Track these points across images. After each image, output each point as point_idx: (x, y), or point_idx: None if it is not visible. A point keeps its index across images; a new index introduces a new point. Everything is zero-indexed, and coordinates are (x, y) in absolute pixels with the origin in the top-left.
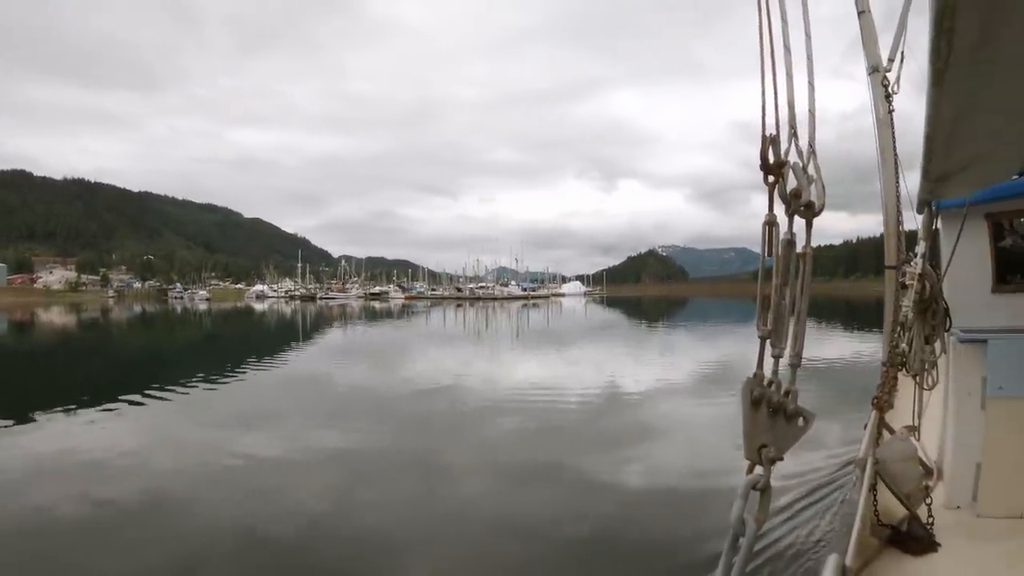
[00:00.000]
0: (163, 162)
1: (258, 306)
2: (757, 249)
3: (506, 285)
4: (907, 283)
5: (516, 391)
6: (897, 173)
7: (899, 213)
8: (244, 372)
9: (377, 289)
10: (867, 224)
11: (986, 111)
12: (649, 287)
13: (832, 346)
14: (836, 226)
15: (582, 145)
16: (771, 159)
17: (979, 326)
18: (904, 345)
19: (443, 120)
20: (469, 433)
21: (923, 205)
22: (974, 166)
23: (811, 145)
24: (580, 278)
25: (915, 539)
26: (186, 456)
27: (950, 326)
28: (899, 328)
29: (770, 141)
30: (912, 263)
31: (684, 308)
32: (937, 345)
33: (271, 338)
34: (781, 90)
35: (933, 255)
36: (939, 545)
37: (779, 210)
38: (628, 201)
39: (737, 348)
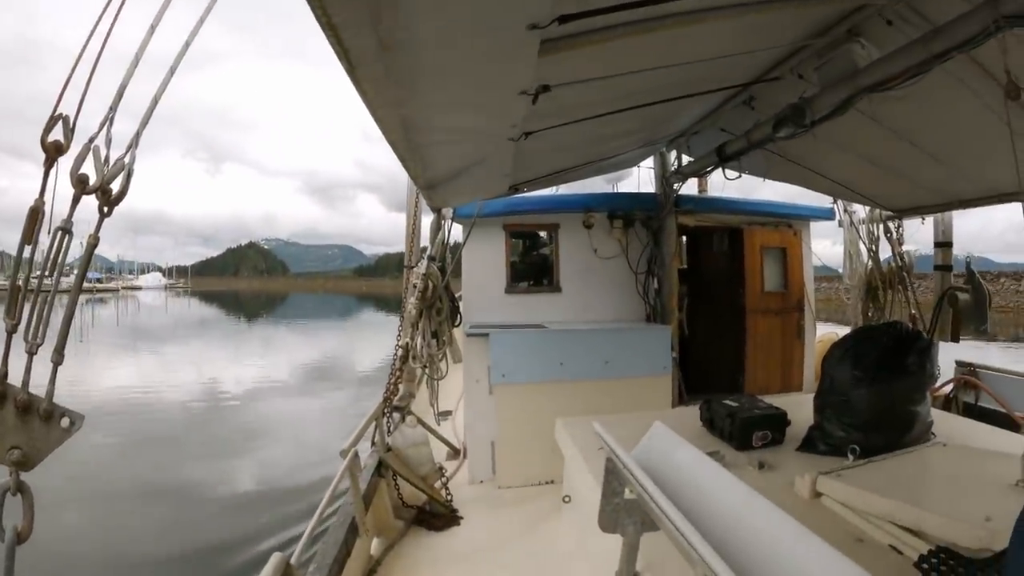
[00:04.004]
0: None
1: None
2: (361, 247)
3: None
4: (414, 283)
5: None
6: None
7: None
8: None
9: None
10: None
11: (426, 117)
12: (242, 281)
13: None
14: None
15: (192, 120)
16: (50, 140)
17: (493, 322)
18: (410, 340)
19: (43, 69)
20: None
21: (435, 211)
22: (459, 178)
23: (137, 136)
24: (169, 270)
25: (437, 516)
26: None
27: (460, 322)
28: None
29: (58, 120)
30: (420, 264)
31: (283, 304)
32: (446, 339)
33: None
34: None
35: (454, 258)
36: (461, 518)
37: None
38: (235, 189)
39: (335, 342)
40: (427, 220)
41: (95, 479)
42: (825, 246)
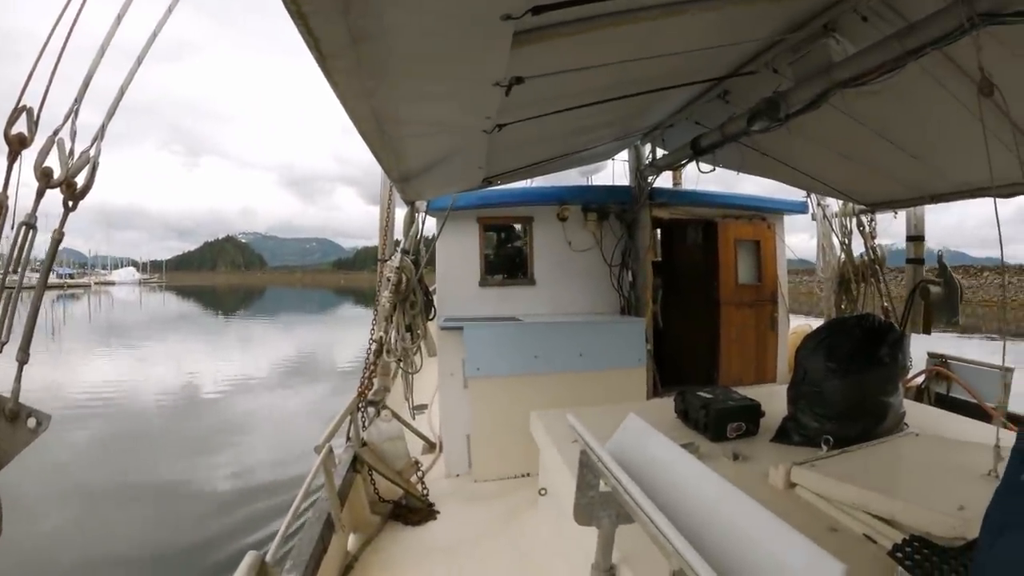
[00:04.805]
0: None
1: None
2: (339, 241)
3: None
4: (388, 276)
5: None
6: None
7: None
8: None
9: None
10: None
11: (398, 108)
12: (219, 275)
13: None
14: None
15: (168, 112)
16: (13, 132)
17: (467, 315)
18: (384, 334)
19: (15, 60)
20: (29, 452)
21: (408, 203)
22: (433, 171)
23: (103, 128)
24: (144, 265)
25: (413, 510)
26: None
27: (434, 315)
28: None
29: (22, 112)
30: (393, 257)
31: (261, 298)
32: (420, 332)
33: None
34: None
35: (428, 251)
36: (437, 512)
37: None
38: (212, 182)
39: (314, 338)
40: (401, 213)
41: (71, 479)
42: (803, 239)
